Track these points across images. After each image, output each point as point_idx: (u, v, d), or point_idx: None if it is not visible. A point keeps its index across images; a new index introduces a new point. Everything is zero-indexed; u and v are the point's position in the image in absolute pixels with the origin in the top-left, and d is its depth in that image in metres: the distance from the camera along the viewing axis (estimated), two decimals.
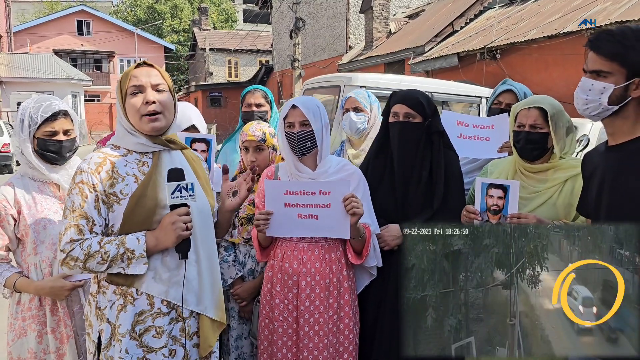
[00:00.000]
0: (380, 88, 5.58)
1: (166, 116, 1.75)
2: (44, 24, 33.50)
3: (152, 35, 37.20)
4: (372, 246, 2.13)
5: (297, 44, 16.72)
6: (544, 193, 2.20)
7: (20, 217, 2.05)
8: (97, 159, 1.71)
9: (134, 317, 1.67)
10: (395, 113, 2.30)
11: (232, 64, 33.90)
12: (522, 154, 2.23)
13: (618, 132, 1.73)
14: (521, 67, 9.94)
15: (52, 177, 2.10)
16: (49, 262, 2.06)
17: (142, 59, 1.76)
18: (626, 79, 1.64)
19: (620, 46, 1.62)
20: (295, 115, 2.13)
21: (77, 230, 1.63)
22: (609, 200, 1.71)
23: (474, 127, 2.69)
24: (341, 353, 2.13)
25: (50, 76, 24.54)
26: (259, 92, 3.15)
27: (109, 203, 1.68)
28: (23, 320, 2.08)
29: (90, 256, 1.61)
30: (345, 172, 2.19)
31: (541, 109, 2.18)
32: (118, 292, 1.68)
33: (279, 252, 2.16)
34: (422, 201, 2.25)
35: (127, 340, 1.65)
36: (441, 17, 14.62)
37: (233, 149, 3.11)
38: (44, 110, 2.06)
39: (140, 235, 1.65)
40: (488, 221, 2.11)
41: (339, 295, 2.12)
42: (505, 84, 2.79)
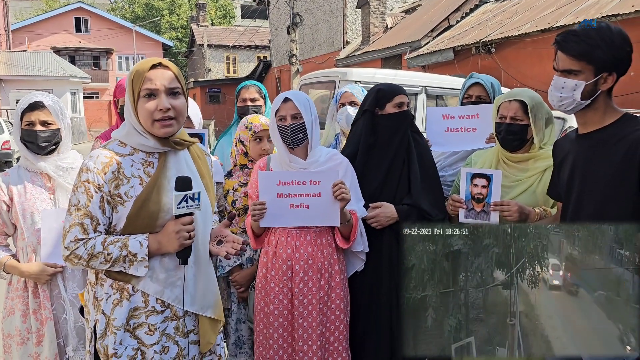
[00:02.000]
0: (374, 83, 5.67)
1: (179, 121, 1.74)
2: (42, 21, 33.48)
3: (150, 32, 37.21)
4: (358, 232, 2.25)
5: (295, 39, 16.78)
6: (525, 181, 2.32)
7: (13, 204, 2.23)
8: (104, 158, 1.69)
9: (128, 312, 1.70)
10: (400, 104, 2.41)
11: (231, 60, 33.91)
12: (504, 144, 2.35)
13: (589, 122, 1.85)
14: (515, 61, 10.04)
15: (40, 167, 2.27)
16: (33, 248, 2.24)
17: (159, 61, 1.73)
18: (594, 75, 1.76)
19: (586, 45, 1.74)
20: (287, 109, 2.25)
21: (81, 229, 1.65)
22: (580, 183, 1.84)
23: (459, 117, 2.76)
24: (332, 331, 2.26)
25: (49, 74, 24.55)
26: (253, 87, 3.26)
27: (113, 204, 1.69)
28: (12, 299, 2.28)
29: (94, 256, 1.64)
30: (334, 162, 2.32)
31: (521, 101, 2.30)
32: (115, 287, 1.71)
33: (273, 239, 2.28)
34: (404, 185, 2.39)
35: (121, 333, 1.69)
36: (437, 12, 14.70)
37: (229, 143, 3.22)
38: (25, 102, 2.26)
39: (143, 239, 1.67)
40: (473, 209, 2.24)
41: (330, 278, 2.25)
42: (472, 77, 2.87)
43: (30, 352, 2.24)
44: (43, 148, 2.26)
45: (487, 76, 2.88)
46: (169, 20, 41.17)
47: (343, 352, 2.28)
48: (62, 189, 2.29)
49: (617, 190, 1.74)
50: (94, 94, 33.21)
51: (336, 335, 2.26)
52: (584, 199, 1.82)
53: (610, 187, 1.75)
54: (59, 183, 2.29)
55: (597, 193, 1.78)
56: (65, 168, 2.30)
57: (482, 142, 2.73)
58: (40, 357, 2.22)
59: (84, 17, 34.92)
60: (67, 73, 25.16)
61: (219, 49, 32.73)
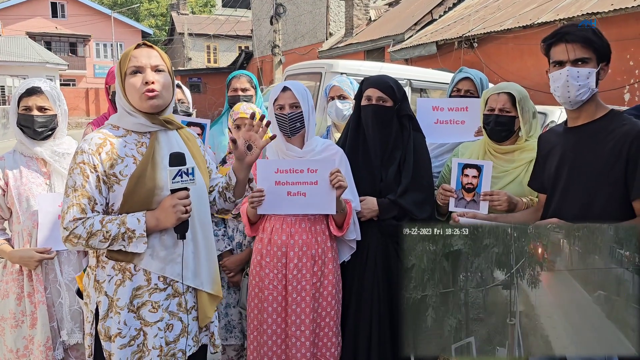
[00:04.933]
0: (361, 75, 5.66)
1: (164, 95, 1.78)
2: (17, 5, 32.48)
3: (129, 19, 36.47)
4: (352, 220, 2.30)
5: (278, 30, 16.71)
6: (512, 172, 2.40)
7: (8, 188, 2.24)
8: (98, 139, 1.74)
9: (131, 291, 1.73)
10: (368, 97, 2.46)
11: (211, 49, 33.58)
12: (492, 135, 2.43)
13: (583, 115, 1.91)
14: (497, 56, 10.21)
15: (35, 151, 2.27)
16: (29, 232, 2.25)
17: (141, 42, 1.83)
18: (597, 64, 1.84)
19: (587, 34, 1.83)
20: (285, 98, 2.28)
21: (79, 209, 1.68)
22: (567, 174, 1.90)
23: (449, 110, 2.82)
24: (323, 317, 2.31)
25: (24, 59, 24.00)
26: (244, 77, 3.29)
27: (109, 183, 1.72)
28: (6, 283, 2.28)
29: (93, 235, 1.66)
30: (330, 152, 2.37)
31: (510, 94, 2.38)
32: (117, 268, 1.74)
33: (268, 226, 2.32)
34: (395, 179, 2.43)
35: (125, 312, 1.72)
36: (420, 6, 14.80)
37: (220, 132, 3.24)
38: (22, 87, 2.26)
39: (140, 216, 1.70)
40: (463, 198, 2.31)
41: (323, 265, 2.30)
42: (462, 72, 2.93)
43: (24, 335, 2.25)
44: (39, 133, 2.26)
45: (477, 71, 2.96)
46: (149, 8, 40.47)
47: (333, 337, 2.34)
48: (58, 174, 2.30)
49: (604, 182, 1.81)
50: (70, 81, 32.55)
51: (327, 321, 2.32)
52: (570, 190, 1.88)
53: (598, 178, 1.81)
54: (55, 168, 2.29)
55: (584, 184, 1.84)
56: (61, 153, 2.31)
57: (470, 135, 2.79)
58: (34, 340, 2.23)
59: (61, 2, 34.03)
60: (43, 59, 24.63)
61: (199, 38, 32.35)
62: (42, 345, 2.22)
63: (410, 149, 2.44)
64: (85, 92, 30.14)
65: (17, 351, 2.25)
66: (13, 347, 2.25)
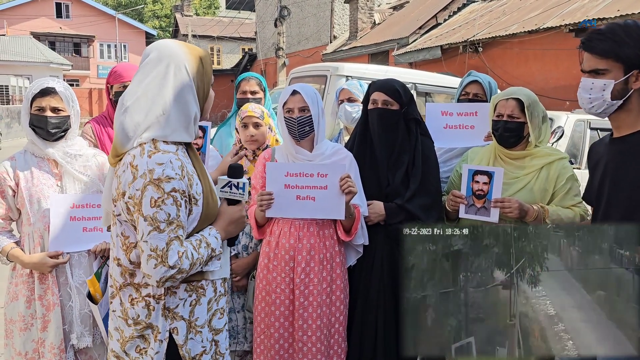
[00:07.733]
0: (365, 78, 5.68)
1: None
2: (21, 5, 32.61)
3: (133, 20, 36.57)
4: (360, 225, 2.29)
5: (282, 32, 16.73)
6: (523, 179, 2.39)
7: (19, 189, 2.21)
8: (176, 161, 1.55)
9: (206, 307, 1.67)
10: (374, 100, 2.45)
11: (215, 51, 33.59)
12: (501, 141, 2.42)
13: (622, 125, 1.78)
14: (502, 61, 10.20)
15: (47, 152, 2.25)
16: (40, 234, 2.22)
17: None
18: (624, 73, 1.70)
19: (612, 42, 1.70)
20: (294, 101, 2.27)
21: (179, 242, 1.54)
22: (609, 189, 1.80)
23: (458, 115, 2.82)
24: (332, 323, 2.30)
25: (29, 59, 24.08)
26: (253, 80, 3.28)
27: (190, 207, 1.59)
28: (15, 285, 2.26)
29: (193, 265, 1.56)
30: (339, 156, 2.35)
31: (518, 100, 2.36)
32: (189, 289, 1.63)
33: (276, 229, 2.31)
34: (402, 183, 2.42)
35: (206, 330, 1.66)
36: (425, 10, 14.80)
37: (228, 134, 3.24)
38: (36, 87, 2.22)
39: (215, 233, 1.64)
40: (473, 205, 2.30)
41: (331, 269, 2.29)
42: (470, 75, 2.93)
43: (33, 338, 2.23)
44: (52, 134, 2.23)
45: (485, 75, 2.95)
46: (153, 9, 40.58)
47: (342, 342, 2.33)
48: (69, 176, 2.27)
49: None
50: (74, 81, 32.56)
51: (336, 327, 2.31)
52: (612, 205, 1.78)
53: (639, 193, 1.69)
54: (67, 169, 2.27)
55: (625, 199, 1.73)
56: (72, 155, 2.29)
57: (479, 140, 2.78)
58: (45, 343, 2.20)
59: (65, 2, 34.13)
60: (47, 59, 24.70)
61: (203, 40, 32.34)
62: (56, 347, 2.20)
63: (418, 152, 2.43)
64: (89, 92, 30.14)
65: (26, 354, 2.23)
66: (22, 350, 2.23)
